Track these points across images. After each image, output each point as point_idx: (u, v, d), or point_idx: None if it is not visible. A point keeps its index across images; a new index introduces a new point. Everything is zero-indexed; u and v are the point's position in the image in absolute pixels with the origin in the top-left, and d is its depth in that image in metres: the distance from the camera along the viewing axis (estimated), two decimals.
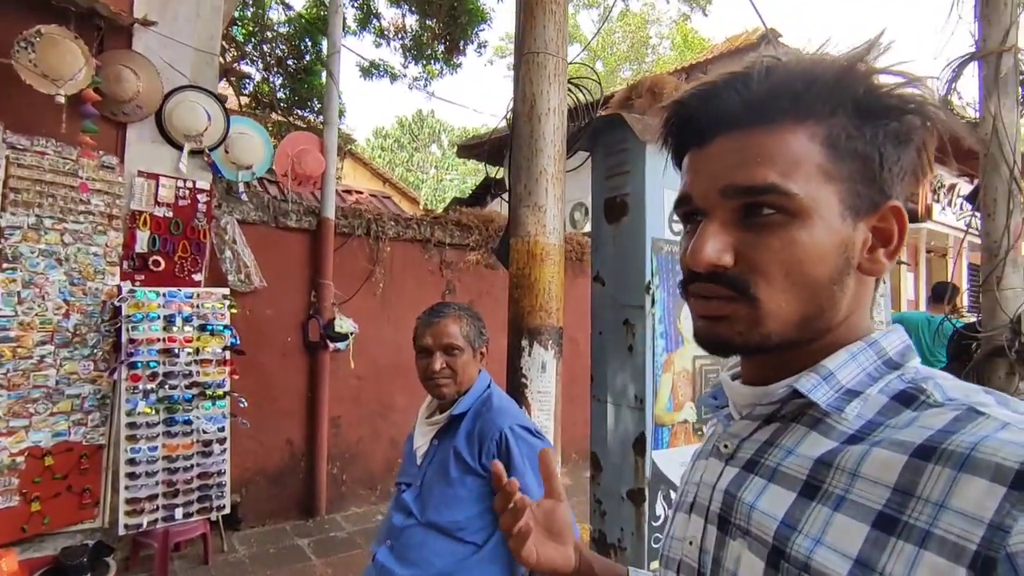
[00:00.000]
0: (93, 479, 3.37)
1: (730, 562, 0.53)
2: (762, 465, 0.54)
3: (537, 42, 1.86)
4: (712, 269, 0.52)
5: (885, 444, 0.45)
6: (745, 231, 0.52)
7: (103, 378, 3.39)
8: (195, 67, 3.83)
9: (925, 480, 0.41)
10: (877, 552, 0.42)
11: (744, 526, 0.52)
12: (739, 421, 0.59)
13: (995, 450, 0.39)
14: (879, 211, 0.53)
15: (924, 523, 0.40)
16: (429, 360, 1.58)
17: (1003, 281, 3.44)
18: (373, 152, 23.73)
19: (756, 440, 0.57)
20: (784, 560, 0.47)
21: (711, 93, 0.54)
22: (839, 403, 0.51)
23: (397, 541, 1.55)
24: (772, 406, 0.55)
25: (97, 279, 3.40)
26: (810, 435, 0.52)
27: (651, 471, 1.88)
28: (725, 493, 0.56)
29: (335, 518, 4.41)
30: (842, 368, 0.52)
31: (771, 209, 0.50)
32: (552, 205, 1.84)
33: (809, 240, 0.50)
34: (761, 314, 0.51)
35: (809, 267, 0.50)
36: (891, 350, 0.53)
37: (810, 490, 0.48)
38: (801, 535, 0.46)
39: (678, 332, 1.97)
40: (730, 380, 0.62)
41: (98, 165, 3.41)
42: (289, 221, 4.30)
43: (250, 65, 8.39)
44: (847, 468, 0.46)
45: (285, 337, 4.29)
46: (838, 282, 0.52)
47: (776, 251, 0.50)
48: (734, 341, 0.53)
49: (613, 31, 21.65)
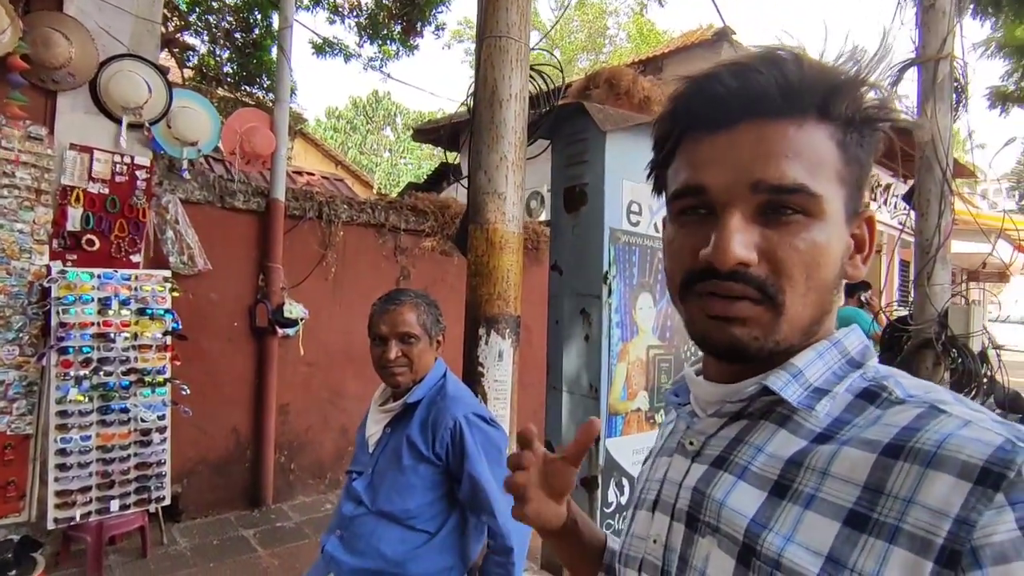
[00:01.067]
0: (18, 471, 3.17)
1: (698, 560, 0.53)
2: (731, 462, 0.54)
3: (499, 26, 1.82)
4: (738, 267, 0.49)
5: (854, 443, 0.46)
6: (766, 228, 0.50)
7: (30, 364, 3.18)
8: (134, 35, 3.60)
9: (894, 477, 0.42)
10: (848, 549, 0.42)
11: (714, 523, 0.52)
12: (705, 418, 0.59)
13: (960, 447, 0.40)
14: (859, 218, 0.54)
15: (893, 519, 0.41)
16: (384, 348, 1.54)
17: (933, 277, 3.65)
18: (325, 133, 23.07)
19: (724, 437, 0.56)
20: (755, 558, 0.47)
21: (746, 72, 0.50)
22: (809, 401, 0.51)
23: (347, 531, 1.52)
24: (740, 403, 0.55)
25: (23, 258, 3.18)
26: (779, 433, 0.52)
27: (604, 459, 1.90)
28: (693, 490, 0.56)
29: (282, 508, 4.30)
30: (810, 366, 0.52)
31: (794, 209, 0.49)
32: (512, 193, 1.82)
33: (825, 242, 0.50)
34: (781, 319, 0.50)
35: (823, 271, 0.50)
36: (853, 349, 0.54)
37: (781, 489, 0.48)
38: (772, 533, 0.47)
39: (633, 322, 2.00)
40: (694, 376, 0.62)
41: (24, 135, 3.18)
42: (236, 202, 4.12)
43: (195, 36, 7.99)
44: (817, 467, 0.47)
45: (231, 322, 4.13)
46: (838, 286, 0.53)
47: (800, 253, 0.49)
48: (749, 347, 0.51)
49: (571, 20, 21.67)
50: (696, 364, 0.64)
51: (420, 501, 1.49)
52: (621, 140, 1.94)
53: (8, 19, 2.90)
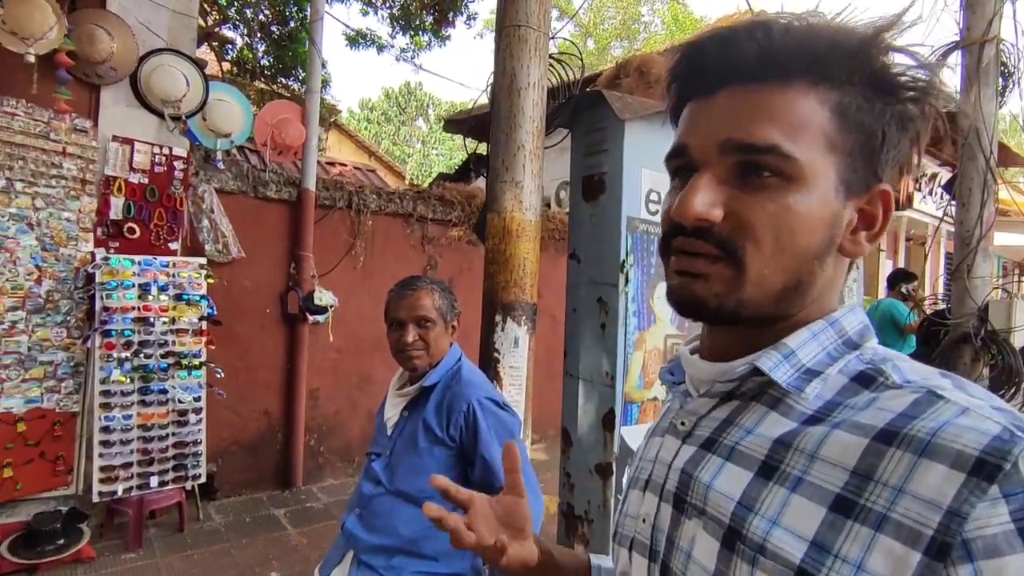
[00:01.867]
0: (66, 446, 3.36)
1: (684, 541, 0.53)
2: (720, 444, 0.53)
3: (519, 15, 1.83)
4: (698, 223, 0.49)
5: (845, 427, 0.45)
6: (739, 190, 0.49)
7: (76, 345, 3.35)
8: (172, 30, 3.73)
9: (885, 464, 0.41)
10: (833, 534, 0.41)
11: (700, 506, 0.52)
12: (697, 398, 0.58)
13: (955, 436, 0.39)
14: (869, 192, 0.51)
15: (881, 507, 0.40)
16: (401, 332, 1.59)
17: (973, 270, 3.53)
18: (359, 124, 23.35)
19: (714, 418, 0.56)
20: (740, 541, 0.46)
21: (729, 40, 0.50)
22: (799, 383, 0.50)
23: (366, 509, 1.57)
24: (731, 383, 0.54)
25: (70, 245, 3.34)
26: (770, 415, 0.51)
27: (619, 446, 1.92)
28: (681, 472, 0.55)
29: (311, 489, 4.44)
30: (803, 347, 0.51)
31: (769, 171, 0.48)
32: (529, 181, 1.84)
33: (804, 208, 0.48)
34: (743, 279, 0.49)
35: (799, 237, 0.49)
36: (851, 329, 0.53)
37: (768, 470, 0.47)
38: (758, 516, 0.46)
39: (651, 311, 2.00)
40: (689, 355, 0.61)
41: (71, 128, 3.33)
42: (269, 191, 4.24)
43: (233, 30, 8.17)
44: (806, 450, 0.46)
45: (263, 308, 4.26)
46: (820, 258, 0.50)
47: (769, 214, 0.48)
48: (709, 303, 0.51)
49: (606, 7, 21.38)
50: (692, 343, 0.63)
51: None
52: (640, 128, 1.93)
53: (55, 17, 3.04)
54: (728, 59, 0.50)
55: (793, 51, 0.48)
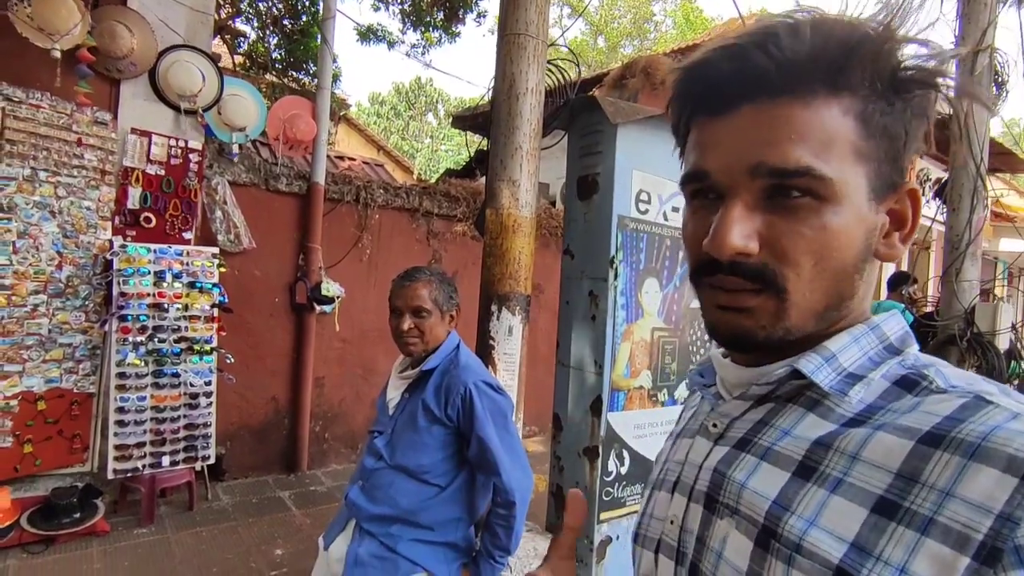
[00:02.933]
0: (83, 425, 3.51)
1: (716, 541, 0.51)
2: (755, 444, 0.52)
3: (519, 24, 1.95)
4: (737, 258, 0.48)
5: (889, 429, 0.44)
6: (770, 214, 0.48)
7: (94, 329, 3.51)
8: (189, 26, 3.86)
9: (931, 467, 0.40)
10: (875, 536, 0.41)
11: (733, 505, 0.51)
12: (731, 401, 0.57)
13: (1008, 440, 0.38)
14: (897, 193, 0.50)
15: (927, 510, 0.39)
16: (399, 320, 1.71)
17: (961, 274, 3.62)
18: (368, 119, 23.49)
19: (748, 420, 0.55)
20: (775, 540, 0.45)
21: (741, 53, 0.48)
22: (842, 386, 0.49)
23: (368, 482, 1.70)
24: (768, 386, 0.53)
25: (89, 233, 3.49)
26: (808, 416, 0.50)
27: (605, 431, 2.04)
28: (714, 472, 0.54)
29: (316, 474, 4.59)
30: (844, 351, 0.51)
31: (800, 192, 0.47)
32: (526, 179, 1.96)
33: (840, 226, 0.47)
34: (787, 306, 0.49)
35: (838, 255, 0.48)
36: (892, 335, 0.52)
37: (806, 471, 0.47)
38: (794, 516, 0.45)
39: (638, 304, 2.11)
40: (721, 358, 0.60)
41: (92, 120, 3.47)
42: (280, 184, 4.38)
43: (245, 23, 8.29)
44: (847, 451, 0.45)
45: (272, 298, 4.40)
46: (860, 270, 0.50)
47: (807, 239, 0.47)
48: (756, 336, 0.50)
49: (617, 5, 21.39)
50: None
51: (433, 458, 1.66)
52: (631, 132, 2.05)
53: (80, 14, 3.18)
54: (743, 75, 0.48)
55: (809, 61, 0.46)
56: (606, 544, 2.09)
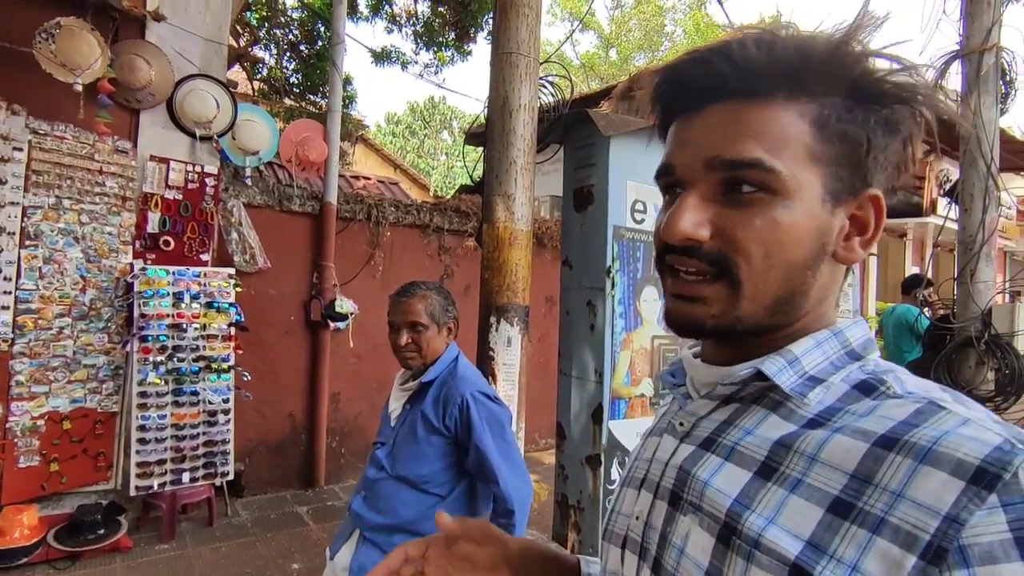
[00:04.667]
0: (107, 443, 3.62)
1: (678, 538, 0.52)
2: (719, 444, 0.54)
3: (511, 43, 2.01)
4: (687, 243, 0.51)
5: (847, 431, 0.45)
6: (725, 207, 0.50)
7: (116, 350, 3.62)
8: (204, 56, 4.01)
9: (885, 469, 0.41)
10: (830, 535, 0.42)
11: (696, 502, 0.52)
12: (698, 400, 0.59)
13: (957, 445, 0.40)
14: (858, 198, 0.52)
15: (879, 511, 0.40)
16: (397, 335, 1.76)
17: (976, 274, 3.56)
18: (384, 138, 23.86)
19: (714, 419, 0.56)
20: (735, 536, 0.47)
21: (706, 59, 0.52)
22: (802, 388, 0.51)
23: (370, 492, 1.74)
24: (733, 387, 0.55)
25: (111, 257, 3.62)
26: (770, 417, 0.52)
27: (607, 439, 2.05)
28: (679, 469, 0.55)
29: (333, 488, 4.64)
30: (807, 354, 0.52)
31: (753, 186, 0.49)
32: (521, 193, 2.00)
33: (790, 221, 0.49)
34: (739, 295, 0.51)
35: (788, 249, 0.50)
36: (854, 341, 0.53)
37: (767, 471, 0.48)
38: (754, 513, 0.46)
39: (637, 313, 2.14)
40: (691, 358, 0.62)
41: (113, 149, 3.62)
42: (293, 205, 4.49)
43: (264, 50, 8.53)
44: (806, 452, 0.46)
45: (288, 316, 4.50)
46: (812, 267, 0.51)
47: (757, 230, 0.49)
48: (705, 324, 0.52)
49: (629, 18, 21.52)
50: (695, 347, 0.64)
51: (432, 468, 1.70)
52: (625, 143, 2.09)
53: (100, 49, 3.33)
54: (708, 77, 0.51)
55: (769, 66, 0.49)
56: None
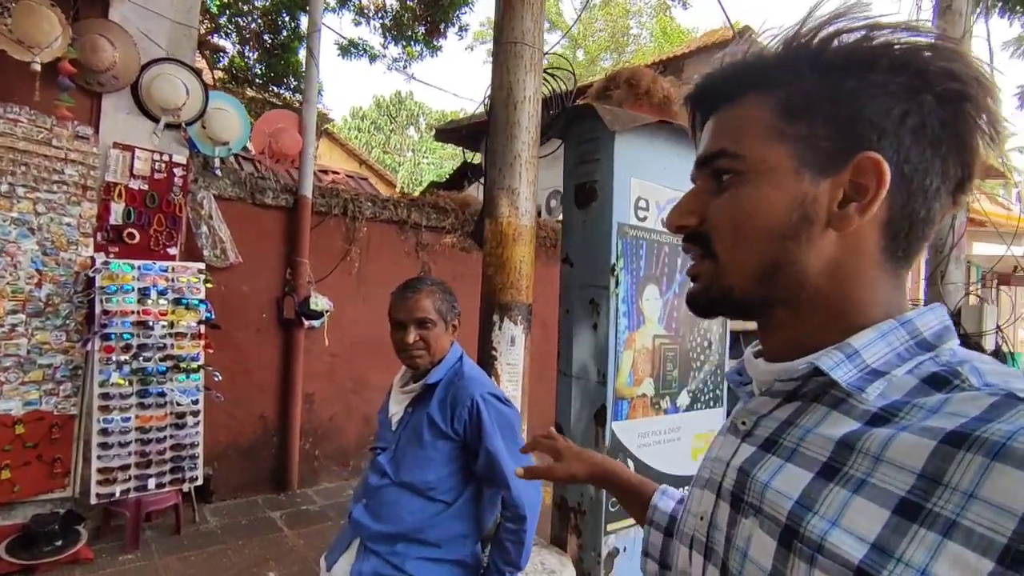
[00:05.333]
0: (64, 449, 3.40)
1: (741, 540, 0.52)
2: (780, 445, 0.52)
3: (515, 32, 1.94)
4: (678, 230, 0.58)
5: (913, 429, 0.43)
6: (712, 196, 0.56)
7: (75, 349, 3.40)
8: (172, 39, 3.81)
9: (954, 468, 0.39)
10: (897, 538, 0.40)
11: (757, 504, 0.51)
12: (758, 397, 0.59)
13: None
14: (849, 164, 0.50)
15: (950, 512, 0.38)
16: (403, 333, 1.67)
17: (946, 276, 3.68)
18: (349, 133, 23.42)
19: (775, 418, 0.55)
20: (797, 540, 0.45)
21: (698, 85, 0.60)
22: (861, 383, 0.49)
23: (372, 499, 1.65)
24: (793, 383, 0.54)
25: (70, 250, 3.40)
26: (831, 415, 0.50)
27: (610, 440, 2.02)
28: (739, 471, 0.55)
29: (307, 492, 4.49)
30: (869, 347, 0.50)
31: (728, 173, 0.54)
32: (525, 188, 1.94)
33: (755, 195, 0.52)
34: (720, 268, 0.55)
35: (754, 221, 0.52)
36: (926, 330, 0.51)
37: (829, 471, 0.46)
38: (816, 516, 0.45)
39: (639, 312, 2.10)
40: (751, 356, 0.62)
41: (73, 135, 3.39)
42: (266, 198, 4.32)
43: (224, 38, 8.23)
44: (870, 451, 0.44)
45: (260, 313, 4.32)
46: (793, 237, 0.51)
47: (726, 208, 0.54)
48: (700, 297, 0.58)
49: (595, 19, 21.67)
50: (756, 346, 0.63)
51: (438, 473, 1.62)
52: (629, 140, 2.05)
53: (60, 27, 3.11)
54: (704, 93, 0.60)
55: (732, 75, 0.56)
56: (613, 556, 2.06)
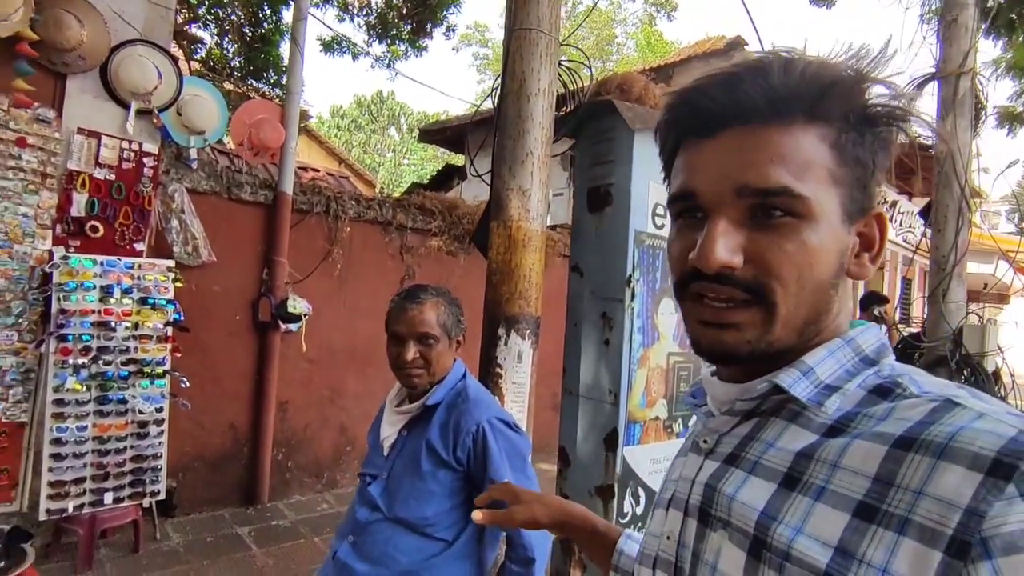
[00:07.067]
0: (11, 459, 3.10)
1: (709, 554, 0.53)
2: (743, 459, 0.54)
3: (530, 18, 1.77)
4: (723, 270, 0.51)
5: (865, 436, 0.46)
6: (754, 232, 0.51)
7: (28, 350, 3.11)
8: (147, 20, 3.55)
9: (904, 469, 0.42)
10: (858, 539, 0.42)
11: (725, 517, 0.52)
12: (719, 417, 0.60)
13: (972, 439, 0.40)
14: (865, 217, 0.54)
15: (903, 511, 0.41)
16: (401, 349, 1.47)
17: (948, 294, 3.60)
18: (329, 131, 23.04)
19: (736, 435, 0.57)
20: (766, 549, 0.47)
21: (732, 82, 0.52)
22: (819, 398, 0.51)
23: (360, 537, 1.45)
24: (752, 401, 0.56)
25: (26, 242, 3.11)
26: (790, 428, 0.52)
27: (621, 467, 1.84)
28: (705, 486, 0.56)
29: (278, 506, 4.23)
30: (821, 364, 0.53)
31: (781, 211, 0.50)
32: (537, 189, 1.77)
33: (817, 243, 0.50)
34: (774, 319, 0.51)
35: (817, 270, 0.51)
36: (867, 348, 0.54)
37: (791, 481, 0.48)
38: (782, 525, 0.47)
39: (654, 327, 1.94)
40: (709, 377, 0.63)
41: (32, 118, 3.11)
42: (243, 193, 4.06)
43: (203, 29, 7.95)
44: (828, 460, 0.47)
45: (233, 315, 4.06)
46: (835, 286, 0.53)
47: (789, 254, 0.50)
48: (741, 351, 0.52)
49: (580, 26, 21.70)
50: (712, 366, 0.64)
51: (438, 508, 1.43)
52: (649, 140, 1.89)
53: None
54: (736, 100, 0.52)
55: (794, 92, 0.51)
56: None
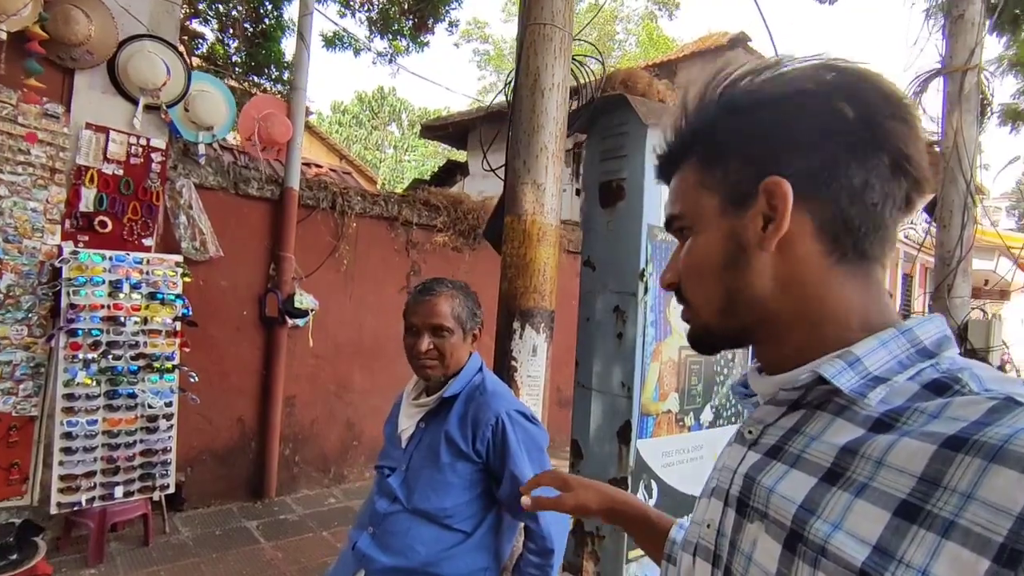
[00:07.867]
0: (22, 453, 3.12)
1: (746, 545, 0.53)
2: (785, 452, 0.54)
3: (544, 12, 1.78)
4: (667, 288, 0.64)
5: (915, 435, 0.44)
6: (680, 251, 0.62)
7: (38, 345, 3.13)
8: (154, 15, 3.56)
9: (953, 470, 0.40)
10: (897, 539, 0.41)
11: (762, 509, 0.52)
12: (764, 406, 0.60)
13: None
14: (758, 195, 0.56)
15: (949, 513, 0.39)
16: (416, 339, 1.49)
17: (953, 290, 3.61)
18: (330, 127, 23.00)
19: (781, 427, 0.56)
20: (801, 543, 0.46)
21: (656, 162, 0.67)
22: (862, 388, 0.50)
23: (379, 528, 1.47)
24: (796, 391, 0.55)
25: (35, 237, 3.13)
26: (836, 421, 0.51)
27: (635, 460, 1.86)
28: (745, 477, 0.56)
29: (285, 500, 4.25)
30: (871, 355, 0.51)
31: (681, 231, 0.61)
32: (551, 184, 1.78)
33: (698, 243, 0.59)
34: (694, 310, 0.61)
35: (702, 264, 0.59)
36: (926, 338, 0.52)
37: (832, 476, 0.48)
38: (820, 519, 0.46)
39: (667, 321, 1.95)
40: (753, 369, 0.64)
41: (41, 113, 3.12)
42: (250, 189, 4.07)
43: (204, 25, 7.93)
44: (873, 456, 0.45)
45: (241, 310, 4.07)
46: (731, 266, 0.56)
47: (684, 260, 0.60)
48: (690, 338, 0.63)
49: (582, 22, 21.65)
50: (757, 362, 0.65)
51: (457, 500, 1.44)
52: (659, 135, 1.90)
53: None
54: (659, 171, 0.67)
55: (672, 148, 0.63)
56: None
